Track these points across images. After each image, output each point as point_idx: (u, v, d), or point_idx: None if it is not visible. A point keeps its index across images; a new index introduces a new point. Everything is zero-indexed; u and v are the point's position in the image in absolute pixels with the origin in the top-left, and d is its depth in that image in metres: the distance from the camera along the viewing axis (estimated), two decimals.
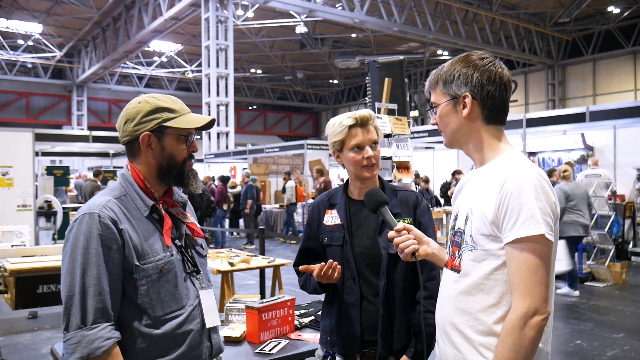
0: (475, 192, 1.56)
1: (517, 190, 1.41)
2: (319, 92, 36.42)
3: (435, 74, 1.64)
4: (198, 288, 1.73)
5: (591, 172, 9.45)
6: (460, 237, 1.57)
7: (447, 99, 1.59)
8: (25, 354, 5.05)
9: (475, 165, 1.66)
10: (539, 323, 1.38)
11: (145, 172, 1.69)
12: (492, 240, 1.47)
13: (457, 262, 1.57)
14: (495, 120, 1.58)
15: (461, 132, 1.60)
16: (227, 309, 3.12)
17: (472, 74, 1.55)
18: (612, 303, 7.09)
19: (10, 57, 25.68)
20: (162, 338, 1.59)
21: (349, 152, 2.07)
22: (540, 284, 1.39)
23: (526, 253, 1.39)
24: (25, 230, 6.16)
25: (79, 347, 1.47)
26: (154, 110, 1.66)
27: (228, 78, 17.96)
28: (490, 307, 1.47)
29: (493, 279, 1.47)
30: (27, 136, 8.89)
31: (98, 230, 1.52)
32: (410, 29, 19.68)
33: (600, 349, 5.25)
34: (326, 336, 2.15)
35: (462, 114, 1.56)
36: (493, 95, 1.55)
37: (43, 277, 4.47)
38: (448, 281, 1.60)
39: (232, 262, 5.24)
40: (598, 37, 23.03)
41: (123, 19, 21.25)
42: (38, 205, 10.15)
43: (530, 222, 1.39)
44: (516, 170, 1.45)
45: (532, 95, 25.96)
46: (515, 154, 1.55)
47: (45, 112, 29.52)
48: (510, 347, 1.38)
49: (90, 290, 1.49)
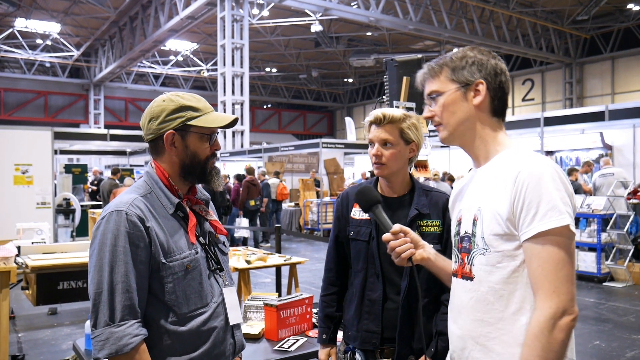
0: (482, 190, 1.45)
1: (534, 181, 1.30)
2: (334, 91, 36.38)
3: (439, 62, 1.51)
4: (221, 285, 1.74)
5: (605, 171, 9.35)
6: (469, 241, 1.45)
7: (455, 86, 1.47)
8: (46, 350, 5.12)
9: (476, 164, 1.54)
10: (569, 324, 1.27)
11: (169, 170, 1.70)
12: (506, 241, 1.35)
13: (467, 269, 1.45)
14: (501, 113, 1.50)
15: (468, 123, 1.47)
16: (245, 307, 3.14)
17: (489, 60, 1.48)
18: (631, 304, 7.01)
19: (29, 57, 26.01)
20: (188, 335, 1.61)
21: (369, 146, 2.12)
22: (566, 281, 1.28)
23: (550, 247, 1.28)
24: (44, 227, 6.22)
25: (107, 343, 1.49)
26: (178, 108, 1.67)
27: (243, 77, 18.02)
28: (513, 314, 1.35)
29: (512, 282, 1.35)
30: (47, 135, 8.98)
31: (125, 228, 1.54)
32: (425, 27, 19.57)
33: (620, 349, 5.19)
34: (347, 331, 2.15)
35: (472, 103, 1.46)
36: (503, 87, 1.48)
37: (63, 274, 4.52)
38: (461, 291, 1.48)
39: (249, 260, 5.26)
40: (617, 34, 22.72)
41: (140, 18, 21.42)
42: (57, 202, 10.28)
43: (553, 213, 1.28)
44: (530, 162, 1.35)
45: (549, 94, 25.69)
46: (523, 147, 1.45)
47: (63, 110, 29.86)
48: (539, 352, 1.26)
49: (118, 288, 1.51)
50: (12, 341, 5.19)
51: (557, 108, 23.63)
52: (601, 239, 8.19)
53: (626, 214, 8.36)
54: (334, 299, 2.23)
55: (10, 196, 8.40)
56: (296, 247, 12.62)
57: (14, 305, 6.24)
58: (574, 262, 1.31)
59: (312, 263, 8.85)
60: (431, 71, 1.52)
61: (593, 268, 8.26)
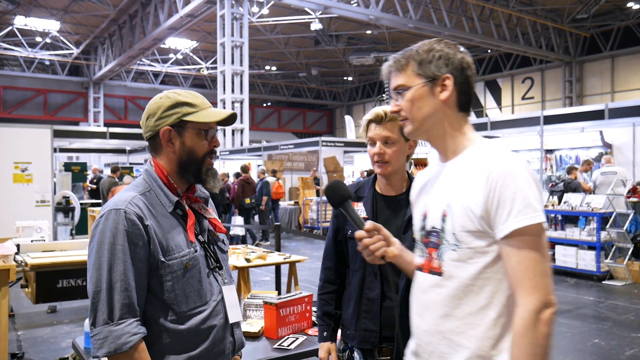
0: (451, 186, 1.43)
1: (508, 178, 1.30)
2: (334, 89, 36.37)
3: (405, 54, 1.49)
4: (221, 284, 1.74)
5: (607, 169, 9.34)
6: (437, 236, 1.44)
7: (422, 81, 1.44)
8: (45, 348, 5.12)
9: (442, 158, 1.52)
10: (551, 317, 1.29)
11: (167, 167, 1.70)
12: (479, 237, 1.35)
13: (436, 264, 1.44)
14: (467, 108, 1.49)
15: (435, 118, 1.45)
16: (245, 305, 3.14)
17: (455, 54, 1.46)
18: (630, 302, 7.01)
19: (28, 55, 25.99)
20: (187, 333, 1.61)
21: (368, 145, 2.11)
22: (545, 275, 1.30)
23: (526, 245, 1.29)
24: (44, 225, 6.22)
25: (106, 342, 1.49)
26: (174, 105, 1.66)
27: (243, 75, 18.01)
28: (482, 308, 1.36)
29: (482, 278, 1.36)
30: (46, 132, 8.98)
31: (124, 227, 1.53)
32: (425, 25, 19.54)
33: (619, 348, 5.19)
34: (346, 330, 2.15)
35: (439, 98, 1.44)
36: (469, 81, 1.47)
37: (63, 272, 4.51)
38: (428, 286, 1.47)
39: (249, 258, 5.26)
40: (617, 33, 22.70)
41: (139, 16, 21.41)
42: (56, 201, 10.27)
43: (528, 210, 1.28)
44: (502, 158, 1.34)
45: (548, 93, 25.68)
46: (490, 143, 1.44)
47: (62, 109, 29.84)
48: (528, 349, 1.27)
49: (117, 286, 1.51)
50: (12, 339, 5.20)
51: (556, 106, 23.63)
52: (601, 237, 8.20)
53: (625, 213, 8.37)
54: (332, 297, 2.23)
55: (9, 194, 8.39)
56: (296, 245, 12.62)
57: (14, 303, 6.24)
58: (548, 256, 1.33)
59: (311, 261, 8.85)
60: (397, 64, 1.50)
61: (592, 266, 8.26)
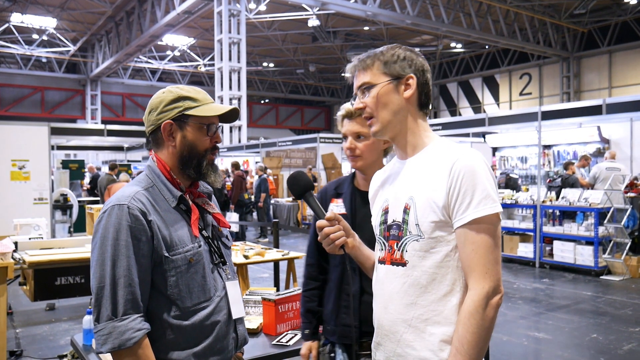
0: (413, 180, 1.50)
1: (469, 172, 1.39)
2: (331, 86, 36.32)
3: (370, 55, 1.56)
4: (224, 279, 1.73)
5: (611, 165, 9.33)
6: (399, 229, 1.50)
7: (387, 78, 1.52)
8: (44, 345, 5.12)
9: (403, 155, 1.59)
10: (498, 302, 1.38)
11: (170, 162, 1.69)
12: (441, 227, 1.43)
13: (398, 255, 1.50)
14: (426, 107, 1.58)
15: (399, 116, 1.53)
16: (243, 301, 3.14)
17: (417, 57, 1.55)
18: (628, 297, 7.03)
19: (25, 52, 25.91)
20: (191, 329, 1.60)
21: (343, 140, 2.16)
22: (495, 262, 1.39)
23: (482, 233, 1.37)
24: (42, 223, 6.20)
25: (110, 338, 1.48)
26: (176, 99, 1.66)
27: (240, 72, 17.98)
28: (445, 295, 1.43)
29: (444, 266, 1.43)
30: (43, 130, 8.96)
31: (127, 222, 1.53)
32: (423, 21, 19.53)
33: (617, 342, 5.21)
34: (326, 325, 2.17)
35: (403, 95, 1.52)
36: (428, 83, 1.56)
37: (61, 269, 4.50)
38: (392, 277, 1.52)
39: (247, 255, 5.26)
40: (614, 28, 22.70)
41: (136, 13, 21.35)
42: (54, 198, 10.26)
43: (487, 201, 1.38)
44: (463, 153, 1.43)
45: (546, 88, 25.67)
46: (449, 141, 1.53)
47: (59, 106, 29.76)
48: (474, 329, 1.35)
49: (121, 282, 1.50)
50: (10, 337, 5.19)
51: (554, 102, 23.62)
52: (598, 232, 8.21)
53: (623, 208, 8.39)
54: (315, 294, 2.24)
55: (7, 192, 8.38)
56: (294, 242, 12.63)
57: (12, 300, 6.24)
58: (500, 245, 1.42)
59: None
60: (362, 63, 1.56)
61: (590, 261, 8.29)
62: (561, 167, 10.95)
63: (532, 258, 9.16)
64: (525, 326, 5.84)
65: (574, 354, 4.96)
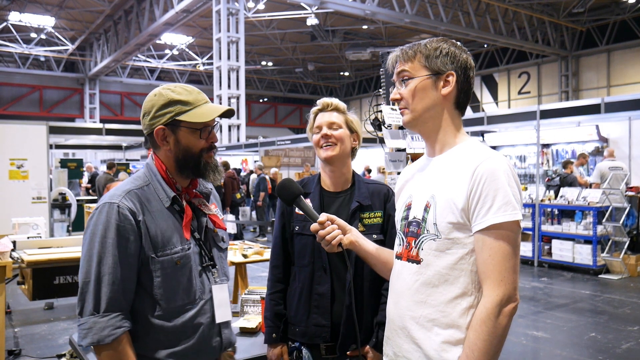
0: (437, 179, 1.49)
1: (491, 176, 1.37)
2: (330, 85, 36.31)
3: (412, 48, 1.54)
4: (212, 282, 1.73)
5: (614, 164, 9.31)
6: (418, 226, 1.50)
7: (427, 73, 1.50)
8: (42, 344, 5.12)
9: (431, 152, 1.58)
10: (512, 311, 1.36)
11: (167, 162, 1.70)
12: (459, 229, 1.41)
13: (414, 253, 1.50)
14: (463, 106, 1.55)
15: (433, 111, 1.51)
16: (242, 301, 3.13)
17: (461, 54, 1.51)
18: (626, 296, 7.04)
19: (23, 51, 25.85)
20: (173, 330, 1.61)
21: (313, 136, 2.14)
22: (513, 271, 1.36)
23: (501, 240, 1.35)
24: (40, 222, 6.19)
25: (90, 333, 1.50)
26: (167, 103, 1.64)
27: (239, 70, 17.97)
28: (455, 298, 1.42)
29: (458, 268, 1.42)
30: (42, 129, 8.95)
31: (116, 221, 1.54)
32: (422, 20, 19.51)
33: (615, 341, 5.21)
34: (294, 327, 2.14)
35: (441, 92, 1.49)
36: (470, 82, 1.53)
37: (60, 269, 4.49)
38: (405, 273, 1.53)
39: (246, 254, 5.25)
40: (613, 27, 22.69)
41: (134, 11, 21.31)
42: (52, 197, 10.24)
43: (507, 207, 1.35)
44: (488, 157, 1.41)
45: (545, 87, 25.68)
46: (479, 142, 1.52)
47: (58, 105, 29.71)
48: (485, 336, 1.34)
49: (105, 279, 1.52)
50: (9, 336, 5.19)
51: (553, 101, 23.63)
52: (597, 231, 8.22)
53: (622, 207, 8.39)
54: (281, 297, 2.21)
55: (5, 191, 8.37)
56: None
57: (10, 300, 6.24)
58: (519, 253, 1.40)
59: None
60: (404, 55, 1.54)
61: (589, 260, 8.29)
62: (560, 166, 10.96)
63: (530, 257, 9.17)
64: (524, 325, 5.84)
65: (573, 352, 4.97)
